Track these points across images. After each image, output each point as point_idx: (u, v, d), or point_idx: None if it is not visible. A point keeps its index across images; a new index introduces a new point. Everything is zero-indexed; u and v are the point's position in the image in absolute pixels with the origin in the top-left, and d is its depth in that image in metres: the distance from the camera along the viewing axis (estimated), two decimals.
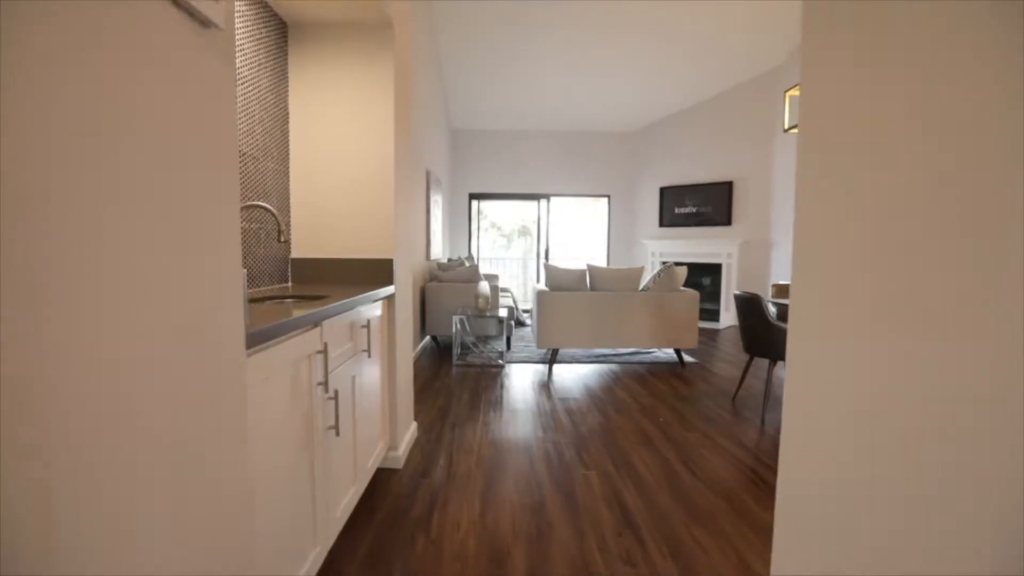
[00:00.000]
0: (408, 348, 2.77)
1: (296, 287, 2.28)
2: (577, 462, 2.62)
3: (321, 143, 2.39)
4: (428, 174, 5.78)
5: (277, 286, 2.28)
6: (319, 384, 1.47)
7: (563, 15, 5.57)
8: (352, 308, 1.80)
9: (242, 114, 1.93)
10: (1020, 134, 0.46)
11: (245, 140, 1.97)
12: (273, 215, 1.69)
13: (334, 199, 2.41)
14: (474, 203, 8.67)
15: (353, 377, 1.85)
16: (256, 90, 2.07)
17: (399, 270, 2.53)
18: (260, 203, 1.72)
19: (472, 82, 7.10)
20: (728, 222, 7.34)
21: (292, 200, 2.41)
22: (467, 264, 5.87)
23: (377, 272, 2.43)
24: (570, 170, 8.61)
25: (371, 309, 2.11)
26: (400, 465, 2.51)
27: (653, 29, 5.84)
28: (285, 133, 2.34)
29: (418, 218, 5.22)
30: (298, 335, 1.35)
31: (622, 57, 6.43)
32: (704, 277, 7.53)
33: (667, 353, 5.31)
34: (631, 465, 2.60)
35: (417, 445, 2.81)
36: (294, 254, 2.44)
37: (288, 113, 2.36)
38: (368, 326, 1.97)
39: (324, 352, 1.47)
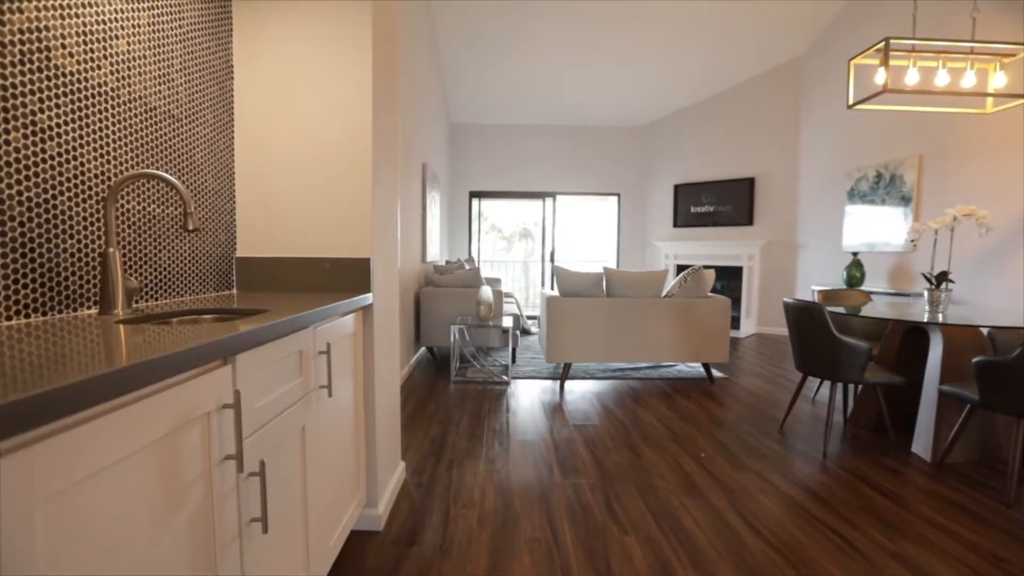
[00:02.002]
0: (393, 373, 2.20)
1: (242, 295, 1.71)
2: (609, 518, 2.05)
3: (277, 109, 1.82)
4: (424, 168, 5.22)
5: (214, 294, 1.71)
6: (227, 459, 0.90)
7: (567, 3, 5.03)
8: (304, 327, 1.24)
9: (147, 53, 1.37)
10: None
11: (154, 90, 1.40)
12: (176, 188, 1.12)
13: (295, 181, 1.84)
14: (475, 201, 8.10)
15: (302, 429, 1.28)
16: (176, 25, 1.50)
17: (379, 273, 1.96)
18: (154, 171, 1.15)
19: (473, 75, 6.59)
20: (749, 222, 6.78)
21: (238, 180, 1.84)
22: (467, 267, 5.31)
23: (351, 276, 1.86)
24: (577, 167, 8.04)
25: (336, 327, 1.55)
26: (380, 526, 1.94)
27: (663, 18, 5.35)
28: (227, 92, 1.77)
29: (412, 215, 4.65)
30: (183, 383, 0.79)
31: (631, 48, 5.94)
32: (721, 281, 6.96)
33: (690, 367, 4.74)
34: (678, 523, 2.02)
35: (404, 494, 2.23)
36: (241, 252, 1.86)
37: (232, 67, 1.80)
38: (328, 351, 1.40)
39: (236, 407, 0.90)
